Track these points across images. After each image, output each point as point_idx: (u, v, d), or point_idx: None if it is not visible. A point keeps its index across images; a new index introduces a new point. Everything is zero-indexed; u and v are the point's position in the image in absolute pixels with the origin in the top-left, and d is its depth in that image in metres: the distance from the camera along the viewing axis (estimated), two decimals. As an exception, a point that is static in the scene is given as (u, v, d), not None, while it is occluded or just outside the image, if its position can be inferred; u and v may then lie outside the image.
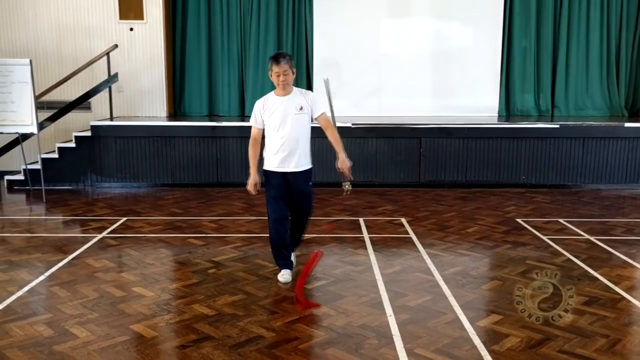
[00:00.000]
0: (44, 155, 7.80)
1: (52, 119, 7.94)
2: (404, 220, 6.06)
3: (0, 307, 3.76)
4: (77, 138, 7.92)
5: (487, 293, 4.08)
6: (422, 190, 7.67)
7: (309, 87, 9.09)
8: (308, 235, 5.39)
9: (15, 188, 7.88)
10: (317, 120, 4.24)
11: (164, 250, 5.05)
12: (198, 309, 3.72)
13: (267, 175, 4.25)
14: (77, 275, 4.37)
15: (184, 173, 7.94)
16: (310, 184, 4.30)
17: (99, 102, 8.61)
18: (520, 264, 4.65)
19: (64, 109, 8.03)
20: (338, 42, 9.13)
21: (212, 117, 9.09)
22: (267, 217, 4.33)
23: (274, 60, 4.05)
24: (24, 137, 7.61)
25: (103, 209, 6.64)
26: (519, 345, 3.21)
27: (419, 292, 4.03)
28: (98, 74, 8.44)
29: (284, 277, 4.24)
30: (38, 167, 7.58)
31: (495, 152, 7.83)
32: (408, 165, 7.87)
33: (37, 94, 7.44)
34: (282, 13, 9.07)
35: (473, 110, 9.11)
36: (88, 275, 4.37)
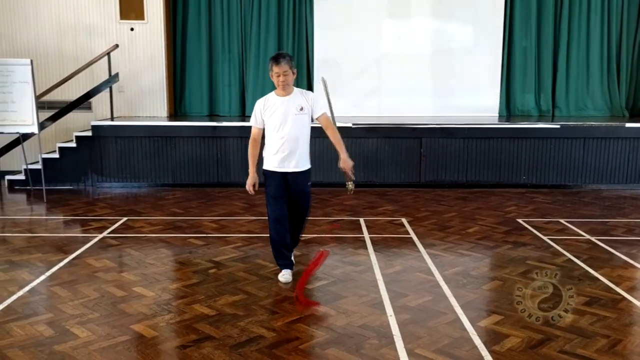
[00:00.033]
0: (45, 155, 7.80)
1: (52, 119, 7.95)
2: (405, 221, 6.06)
3: (1, 307, 3.76)
4: (77, 138, 7.93)
5: (487, 293, 4.08)
6: (422, 191, 7.67)
7: (309, 87, 9.10)
8: (308, 235, 5.40)
9: (16, 188, 7.89)
10: (317, 121, 4.24)
11: (165, 250, 5.06)
12: (198, 309, 3.72)
13: (266, 175, 4.25)
14: (77, 275, 4.38)
15: (185, 173, 7.94)
16: (309, 184, 4.31)
17: (100, 102, 8.61)
18: (521, 264, 4.65)
19: (65, 109, 8.03)
20: (338, 42, 9.13)
21: (212, 117, 9.09)
22: (267, 217, 4.34)
23: (274, 61, 4.06)
24: (25, 137, 7.62)
25: (104, 209, 6.64)
26: (520, 346, 3.21)
27: (420, 292, 4.03)
28: (99, 74, 8.44)
29: (285, 277, 4.24)
30: (39, 167, 7.58)
31: (496, 152, 7.83)
32: (408, 165, 7.86)
33: (37, 94, 7.45)
34: (282, 13, 9.08)
35: (473, 110, 9.11)
36: (89, 275, 4.38)
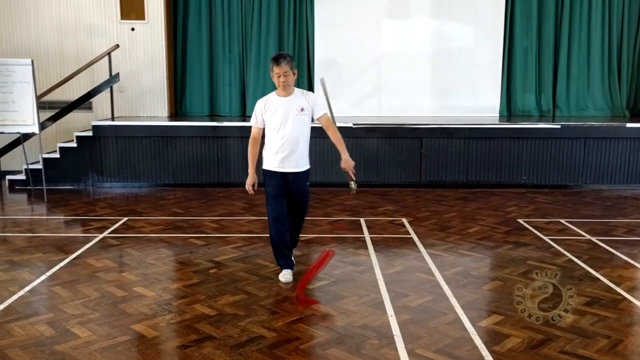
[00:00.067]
0: (46, 155, 7.80)
1: (53, 119, 7.95)
2: (405, 221, 6.06)
3: (2, 306, 3.76)
4: (78, 138, 7.93)
5: (488, 293, 4.08)
6: (423, 191, 7.67)
7: (310, 87, 9.10)
8: (309, 235, 5.40)
9: (17, 188, 7.89)
10: (318, 121, 4.26)
11: (165, 250, 5.06)
12: (199, 309, 3.72)
13: (266, 175, 4.26)
14: (78, 275, 4.38)
15: (185, 173, 7.94)
16: (308, 184, 4.34)
17: (100, 102, 8.61)
18: (522, 265, 4.64)
19: (66, 109, 8.04)
20: (339, 42, 9.13)
21: (213, 117, 9.09)
22: (267, 217, 4.34)
23: (275, 61, 4.08)
24: (26, 137, 7.62)
25: (104, 209, 6.64)
26: (520, 346, 3.21)
27: (420, 292, 4.03)
28: (99, 74, 8.44)
29: (285, 277, 4.24)
30: (39, 167, 7.58)
31: (497, 152, 7.83)
32: (409, 166, 7.86)
33: (38, 94, 7.45)
34: (283, 13, 9.08)
35: (474, 111, 9.11)
36: (89, 275, 4.38)
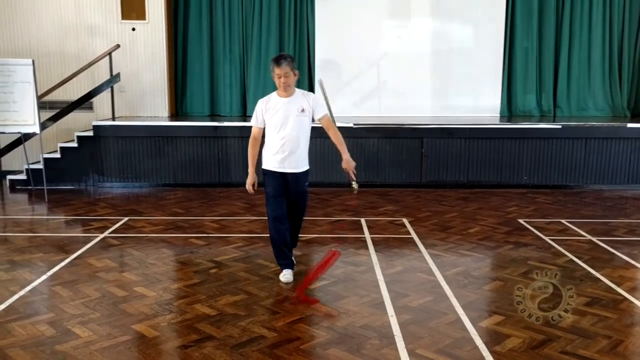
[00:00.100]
0: (46, 155, 7.81)
1: (54, 119, 7.95)
2: (406, 221, 6.06)
3: (3, 306, 3.76)
4: (79, 138, 7.94)
5: (488, 294, 4.07)
6: (423, 191, 7.67)
7: (310, 87, 9.09)
8: (309, 236, 5.40)
9: (18, 188, 7.89)
10: (319, 122, 4.28)
11: (166, 250, 5.06)
12: (200, 309, 3.73)
13: (266, 175, 4.28)
14: (79, 275, 4.38)
15: (186, 173, 7.94)
16: (307, 184, 4.37)
17: (101, 102, 8.62)
18: (522, 265, 4.64)
19: (66, 109, 8.04)
20: (339, 42, 9.13)
21: (213, 117, 9.09)
22: (267, 217, 4.35)
23: (275, 62, 4.10)
24: (27, 137, 7.62)
25: (105, 209, 6.64)
26: (521, 346, 3.21)
27: (421, 292, 4.03)
28: (100, 74, 8.44)
29: (286, 277, 4.24)
30: (40, 167, 7.58)
31: (497, 152, 7.82)
32: (410, 166, 7.86)
33: (39, 94, 7.45)
34: (284, 13, 9.07)
35: (475, 111, 9.11)
36: (90, 275, 4.38)
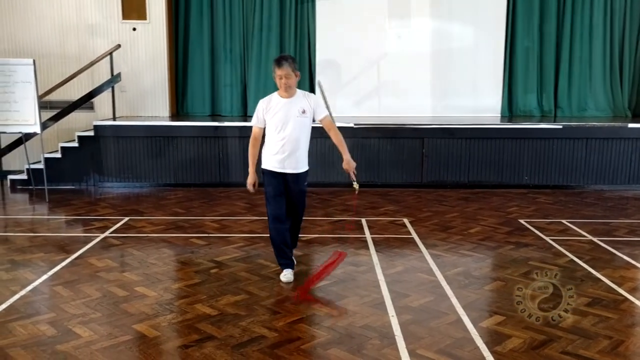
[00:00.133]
0: (47, 155, 7.82)
1: (55, 119, 7.96)
2: (406, 221, 6.06)
3: (4, 306, 3.77)
4: (80, 138, 7.94)
5: (489, 294, 4.07)
6: (424, 191, 7.66)
7: (311, 86, 9.09)
8: (310, 236, 5.41)
9: (19, 188, 7.89)
10: (320, 123, 4.30)
11: (167, 250, 5.06)
12: (200, 309, 3.73)
13: (265, 175, 4.29)
14: (79, 275, 4.38)
15: (187, 173, 7.94)
16: (306, 184, 4.39)
17: (102, 102, 8.62)
18: (523, 265, 4.64)
19: (67, 109, 8.04)
20: (341, 42, 9.12)
21: (214, 117, 9.09)
22: (267, 216, 4.36)
23: (277, 63, 4.12)
24: (27, 136, 7.63)
25: (105, 209, 6.65)
26: (522, 346, 3.21)
27: (421, 292, 4.03)
28: (101, 74, 8.45)
29: (286, 277, 4.24)
30: (41, 166, 7.58)
31: (498, 152, 7.82)
32: (410, 166, 7.86)
33: (40, 94, 7.45)
34: (284, 13, 9.07)
35: (475, 111, 9.11)
36: (91, 275, 4.38)
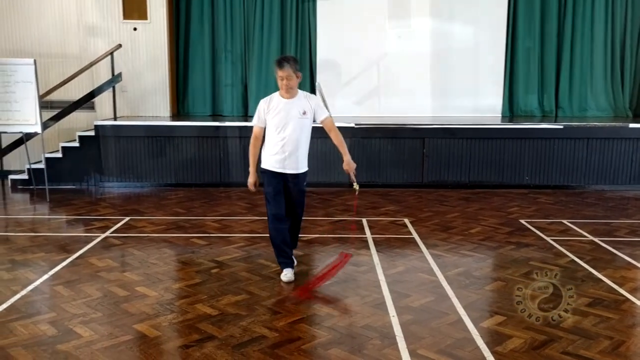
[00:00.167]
0: (48, 155, 7.82)
1: (56, 119, 7.96)
2: (407, 221, 6.06)
3: (5, 306, 3.77)
4: (80, 138, 7.94)
5: (490, 294, 4.07)
6: (425, 191, 7.66)
7: (312, 86, 9.08)
8: (310, 235, 5.41)
9: (19, 187, 7.89)
10: (321, 124, 4.32)
11: (167, 250, 5.06)
12: (201, 309, 3.73)
13: (265, 174, 4.30)
14: (80, 275, 4.38)
15: (187, 173, 7.94)
16: (305, 184, 4.41)
17: (103, 101, 8.63)
18: (524, 265, 4.64)
19: (68, 109, 8.05)
20: (342, 42, 9.12)
21: (215, 117, 9.09)
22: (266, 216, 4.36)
23: (278, 65, 4.12)
24: (28, 136, 7.63)
25: (106, 209, 6.65)
26: (523, 347, 3.21)
27: (422, 292, 4.02)
28: (101, 74, 8.45)
29: (287, 276, 4.24)
30: (42, 166, 7.59)
31: (499, 152, 7.82)
32: (411, 166, 7.85)
33: (41, 94, 7.45)
34: (285, 13, 9.07)
35: (476, 111, 9.10)
36: (91, 275, 4.38)
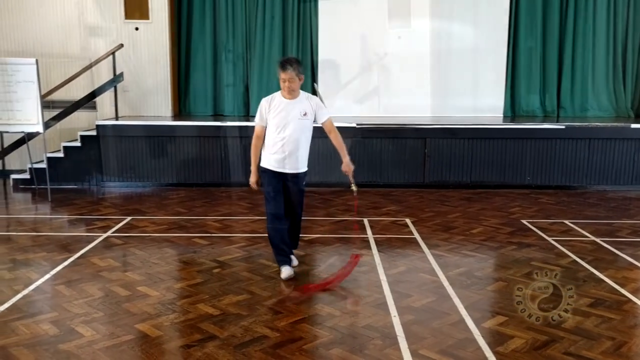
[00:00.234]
0: (50, 155, 7.83)
1: (57, 118, 7.97)
2: (409, 221, 6.05)
3: (7, 305, 3.77)
4: (82, 137, 7.95)
5: (491, 294, 4.07)
6: (426, 191, 7.65)
7: (312, 85, 9.08)
8: (312, 235, 5.41)
9: (21, 187, 7.90)
10: (322, 125, 4.34)
11: (169, 250, 5.06)
12: (203, 309, 3.73)
13: (265, 174, 4.31)
14: (82, 274, 4.39)
15: (189, 173, 7.95)
16: (305, 184, 4.42)
17: (104, 101, 8.63)
18: (525, 265, 4.63)
19: (70, 109, 8.06)
20: (343, 42, 9.11)
21: (216, 117, 9.09)
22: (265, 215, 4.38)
23: (281, 67, 4.14)
24: (30, 136, 7.64)
25: (108, 208, 6.65)
26: (524, 347, 3.20)
27: (424, 292, 4.02)
28: (103, 74, 8.46)
29: (285, 273, 4.27)
30: (44, 166, 7.60)
31: (501, 152, 7.81)
32: (412, 166, 7.85)
33: (42, 94, 7.46)
34: (287, 13, 9.07)
35: (478, 111, 9.09)
36: (93, 275, 4.39)
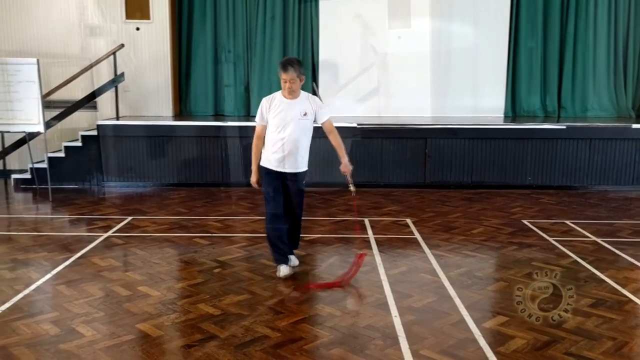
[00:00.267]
0: (51, 154, 7.83)
1: (58, 118, 7.98)
2: (409, 221, 6.05)
3: (7, 305, 3.77)
4: (83, 137, 7.95)
5: (492, 294, 4.07)
6: (427, 191, 7.65)
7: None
8: (312, 235, 5.41)
9: (22, 187, 7.91)
10: (322, 125, 4.35)
11: (170, 250, 5.06)
12: (203, 309, 3.73)
13: (265, 173, 4.32)
14: (83, 274, 4.39)
15: (190, 173, 7.95)
16: (305, 183, 4.42)
17: (105, 101, 8.63)
18: (526, 266, 4.63)
19: (71, 108, 8.07)
20: (344, 42, 9.11)
21: (217, 117, 9.10)
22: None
23: (282, 68, 4.15)
24: (31, 136, 7.64)
25: (109, 208, 6.65)
26: (525, 347, 3.20)
27: (424, 293, 4.02)
28: (104, 74, 8.46)
29: (283, 271, 4.29)
30: (44, 166, 7.60)
31: (501, 153, 7.80)
32: (413, 166, 7.84)
33: (43, 93, 7.47)
34: (287, 13, 9.07)
35: (479, 111, 9.08)
36: (94, 274, 4.39)
